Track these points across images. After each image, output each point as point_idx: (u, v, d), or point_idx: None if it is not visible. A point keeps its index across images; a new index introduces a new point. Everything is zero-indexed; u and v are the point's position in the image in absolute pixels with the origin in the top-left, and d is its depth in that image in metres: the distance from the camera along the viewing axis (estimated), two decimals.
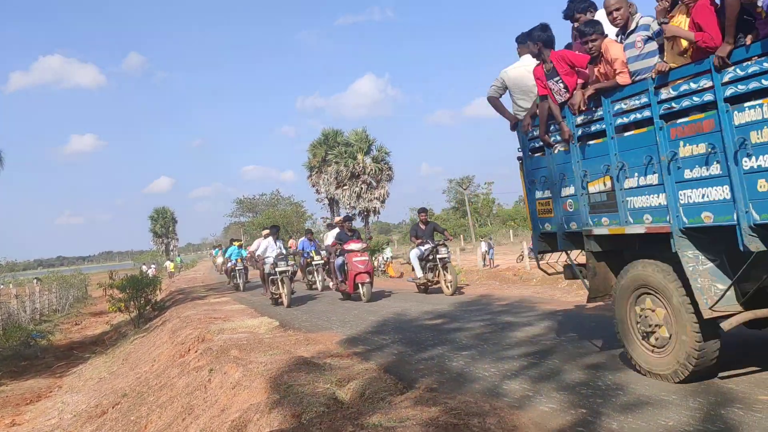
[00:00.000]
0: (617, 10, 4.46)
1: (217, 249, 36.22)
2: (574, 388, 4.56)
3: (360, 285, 12.44)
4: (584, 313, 8.10)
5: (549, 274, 6.24)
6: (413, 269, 13.14)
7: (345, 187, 38.22)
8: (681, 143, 3.97)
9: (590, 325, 7.07)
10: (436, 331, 7.89)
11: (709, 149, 3.75)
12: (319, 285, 17.01)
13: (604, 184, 4.73)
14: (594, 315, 7.68)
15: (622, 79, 4.42)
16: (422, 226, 13.32)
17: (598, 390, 4.45)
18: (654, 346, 4.41)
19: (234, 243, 23.72)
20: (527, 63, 5.52)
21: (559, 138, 5.10)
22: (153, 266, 47.25)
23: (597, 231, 4.87)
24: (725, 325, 3.81)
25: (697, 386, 4.18)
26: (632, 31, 4.48)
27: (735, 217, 3.63)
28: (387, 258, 27.36)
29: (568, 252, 5.71)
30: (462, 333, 7.45)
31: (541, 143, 5.33)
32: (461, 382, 5.10)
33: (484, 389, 4.80)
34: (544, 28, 5.10)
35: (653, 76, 4.10)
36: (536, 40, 5.04)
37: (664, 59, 4.16)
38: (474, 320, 8.48)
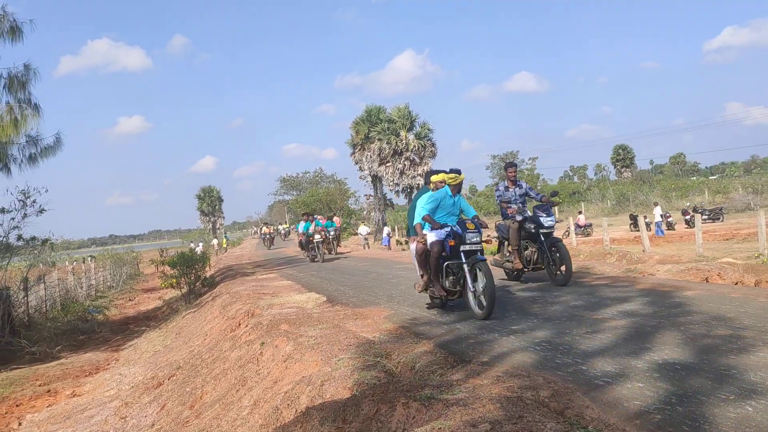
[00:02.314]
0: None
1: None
2: (627, 362, 4.48)
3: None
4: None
5: None
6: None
7: (388, 164, 38.18)
8: None
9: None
10: None
11: None
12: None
13: None
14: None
15: None
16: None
17: (653, 364, 4.36)
18: None
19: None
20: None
21: None
22: (201, 244, 48.36)
23: None
24: None
25: None
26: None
27: None
28: None
29: None
30: (512, 308, 7.39)
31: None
32: (513, 356, 5.06)
33: (536, 363, 4.74)
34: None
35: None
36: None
37: None
38: (525, 295, 8.39)
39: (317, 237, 21.30)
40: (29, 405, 9.69)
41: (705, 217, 30.53)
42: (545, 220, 9.11)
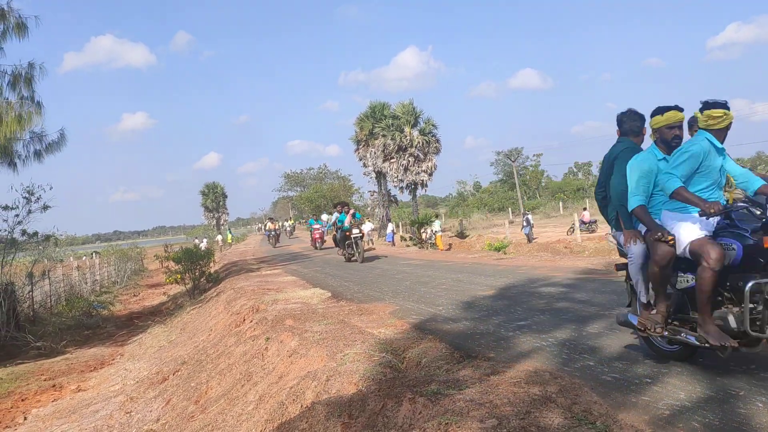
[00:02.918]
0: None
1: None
2: (636, 360, 4.45)
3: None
4: None
5: None
6: None
7: (392, 160, 38.11)
8: None
9: None
10: (491, 300, 7.81)
11: None
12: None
13: None
14: None
15: None
16: None
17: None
18: None
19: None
20: None
21: None
22: (205, 240, 48.42)
23: None
24: None
25: None
26: None
27: None
28: (436, 231, 27.31)
29: None
30: (519, 304, 7.37)
31: None
32: (519, 351, 5.04)
33: (543, 359, 4.72)
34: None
35: None
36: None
37: None
38: (533, 292, 8.37)
39: (355, 232, 17.81)
40: (35, 399, 9.71)
41: None
42: None
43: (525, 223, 27.32)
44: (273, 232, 39.13)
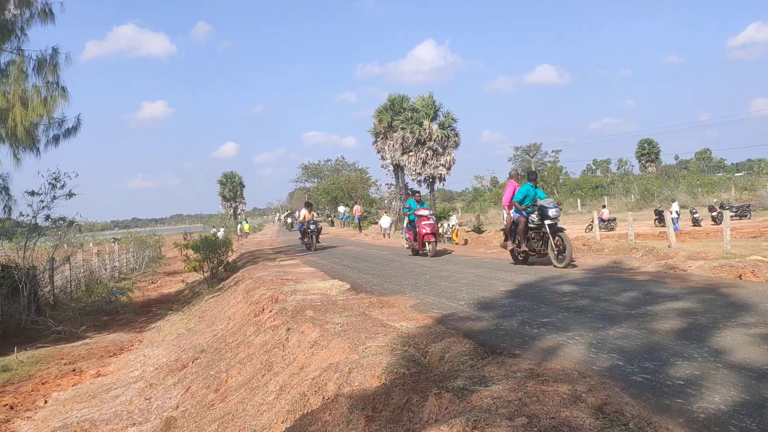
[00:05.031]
0: None
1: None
2: (667, 361, 4.36)
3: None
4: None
5: None
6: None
7: (411, 154, 38.03)
8: None
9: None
10: (513, 296, 7.73)
11: None
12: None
13: None
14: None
15: None
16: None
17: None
18: None
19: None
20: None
21: None
22: (222, 229, 48.75)
23: None
24: None
25: None
26: None
27: None
28: (453, 225, 27.22)
29: None
30: (542, 301, 7.28)
31: None
32: (545, 349, 4.96)
33: (570, 357, 4.64)
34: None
35: None
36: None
37: None
38: (554, 289, 8.27)
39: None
40: (55, 383, 9.80)
41: (732, 214, 30.01)
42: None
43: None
44: (310, 226, 21.34)
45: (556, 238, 10.68)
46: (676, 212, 28.86)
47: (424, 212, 15.62)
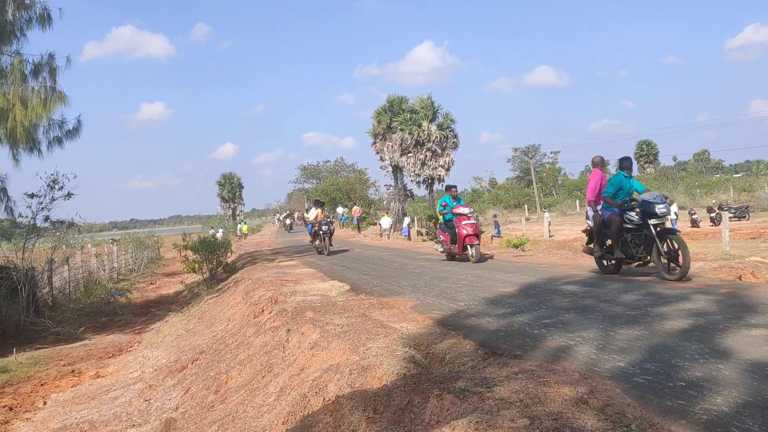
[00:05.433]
0: None
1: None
2: (669, 363, 4.35)
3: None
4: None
5: None
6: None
7: (410, 155, 38.04)
8: None
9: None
10: (514, 297, 7.72)
11: None
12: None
13: None
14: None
15: None
16: None
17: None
18: None
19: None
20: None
21: None
22: (221, 230, 48.73)
23: None
24: None
25: None
26: None
27: None
28: None
29: None
30: (543, 302, 7.27)
31: None
32: (546, 350, 4.96)
33: (571, 359, 4.64)
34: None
35: None
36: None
37: None
38: (555, 290, 8.27)
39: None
40: (54, 384, 9.78)
41: (730, 215, 30.04)
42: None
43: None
44: (322, 227, 19.04)
45: (666, 242, 8.28)
46: (675, 213, 28.88)
47: (464, 210, 13.40)
